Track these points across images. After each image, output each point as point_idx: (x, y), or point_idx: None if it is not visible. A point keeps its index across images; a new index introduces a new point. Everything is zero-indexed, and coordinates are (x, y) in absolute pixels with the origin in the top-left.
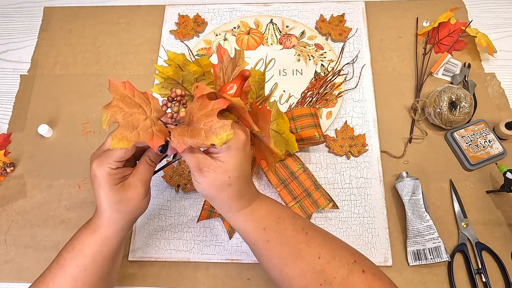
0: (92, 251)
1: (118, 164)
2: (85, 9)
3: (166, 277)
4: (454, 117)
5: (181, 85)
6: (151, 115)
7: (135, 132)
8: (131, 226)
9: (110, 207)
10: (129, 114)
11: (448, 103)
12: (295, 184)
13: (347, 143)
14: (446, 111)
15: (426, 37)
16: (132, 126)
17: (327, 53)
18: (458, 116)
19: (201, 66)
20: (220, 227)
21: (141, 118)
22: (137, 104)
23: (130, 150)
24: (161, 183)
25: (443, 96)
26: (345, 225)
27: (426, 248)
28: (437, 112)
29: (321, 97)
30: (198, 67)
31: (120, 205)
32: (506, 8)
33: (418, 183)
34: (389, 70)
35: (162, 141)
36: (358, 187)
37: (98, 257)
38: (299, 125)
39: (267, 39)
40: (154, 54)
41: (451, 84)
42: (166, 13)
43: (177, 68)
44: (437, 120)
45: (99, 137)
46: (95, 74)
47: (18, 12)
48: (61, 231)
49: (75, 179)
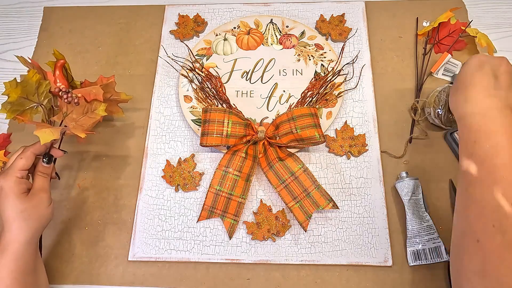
0: (8, 270)
1: (22, 173)
2: (85, 9)
3: (166, 277)
4: (453, 117)
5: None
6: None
7: (51, 128)
8: (38, 238)
9: (17, 216)
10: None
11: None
12: (295, 184)
13: (347, 143)
14: (445, 111)
15: (426, 37)
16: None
17: (327, 53)
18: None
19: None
20: (220, 227)
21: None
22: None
23: (30, 159)
24: (161, 183)
25: (442, 96)
26: (345, 225)
27: (426, 248)
28: (436, 112)
29: (321, 97)
30: (37, 74)
31: (26, 213)
32: (506, 8)
33: (418, 183)
34: (389, 70)
35: (56, 133)
36: (358, 187)
37: (17, 275)
38: (299, 125)
39: (267, 39)
40: (154, 54)
41: (451, 84)
42: (166, 13)
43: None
44: (437, 120)
45: (99, 137)
46: (95, 74)
47: (18, 12)
48: (61, 231)
49: (75, 179)
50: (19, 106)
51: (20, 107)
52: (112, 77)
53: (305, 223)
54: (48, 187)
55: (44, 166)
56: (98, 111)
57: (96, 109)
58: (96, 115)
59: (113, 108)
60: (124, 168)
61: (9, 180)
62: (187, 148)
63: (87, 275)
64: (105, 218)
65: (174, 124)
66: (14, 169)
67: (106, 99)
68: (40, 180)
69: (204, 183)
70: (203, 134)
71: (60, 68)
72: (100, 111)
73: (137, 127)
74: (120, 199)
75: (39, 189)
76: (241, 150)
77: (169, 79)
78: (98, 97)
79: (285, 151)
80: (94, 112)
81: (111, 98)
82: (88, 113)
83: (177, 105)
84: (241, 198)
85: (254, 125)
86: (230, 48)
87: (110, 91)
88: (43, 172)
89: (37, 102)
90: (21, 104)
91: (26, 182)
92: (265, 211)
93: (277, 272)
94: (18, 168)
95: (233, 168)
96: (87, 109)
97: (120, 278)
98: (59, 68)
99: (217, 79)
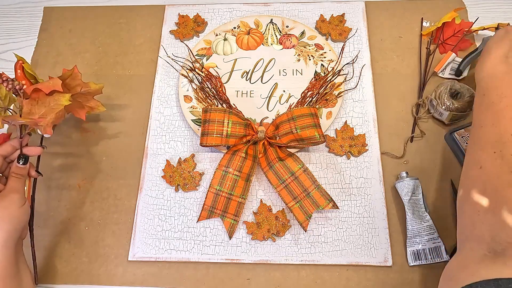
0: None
1: None
2: (85, 9)
3: (166, 277)
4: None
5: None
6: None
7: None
8: (15, 241)
9: None
10: None
11: (449, 92)
12: (295, 184)
13: (347, 143)
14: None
15: (430, 37)
16: None
17: (327, 53)
18: (459, 102)
19: None
20: (220, 227)
21: None
22: None
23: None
24: (161, 183)
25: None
26: (345, 225)
27: (426, 248)
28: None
29: (321, 97)
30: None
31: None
32: (506, 8)
33: (418, 183)
34: (389, 70)
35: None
36: (358, 187)
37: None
38: (299, 125)
39: (267, 39)
40: (154, 54)
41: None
42: (166, 13)
43: None
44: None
45: (99, 137)
46: (95, 74)
47: (18, 12)
48: (61, 231)
49: (75, 179)
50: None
51: None
52: (74, 68)
53: (305, 223)
54: (21, 188)
55: (19, 167)
56: (62, 101)
57: (59, 100)
58: (59, 105)
59: (91, 103)
60: (124, 168)
61: None
62: (187, 148)
63: (87, 275)
64: (105, 218)
65: (174, 124)
66: None
67: (76, 93)
68: (12, 181)
69: (204, 183)
70: (203, 134)
71: (20, 68)
72: (64, 101)
73: (137, 127)
74: (120, 199)
75: (9, 190)
76: (241, 150)
77: (169, 79)
78: (56, 87)
79: (285, 151)
80: (57, 104)
81: (82, 92)
82: (51, 105)
83: (177, 105)
84: (241, 198)
85: (254, 125)
86: (230, 48)
87: (76, 83)
88: (16, 173)
89: (2, 106)
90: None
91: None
92: (265, 211)
93: (277, 272)
94: None
95: (233, 168)
96: (49, 102)
97: (120, 278)
98: (20, 67)
99: (217, 79)
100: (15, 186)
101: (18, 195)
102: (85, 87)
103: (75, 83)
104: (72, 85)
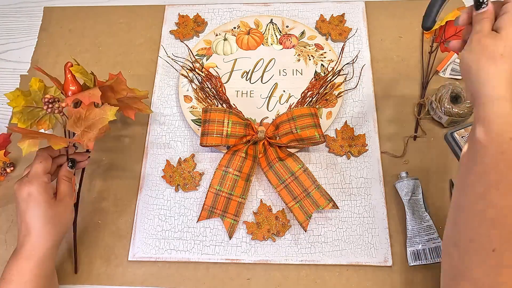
0: (31, 275)
1: (48, 176)
2: (85, 9)
3: (166, 277)
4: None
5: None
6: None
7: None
8: (60, 242)
9: (47, 221)
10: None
11: (450, 96)
12: (295, 184)
13: (347, 143)
14: (448, 103)
15: (433, 35)
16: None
17: (327, 53)
18: (459, 107)
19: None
20: (220, 227)
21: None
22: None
23: (49, 161)
24: (161, 183)
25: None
26: (345, 225)
27: (426, 248)
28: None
29: (321, 97)
30: (39, 82)
31: (56, 218)
32: None
33: (418, 183)
34: (389, 70)
35: (63, 141)
36: (358, 187)
37: (39, 279)
38: (299, 125)
39: (267, 39)
40: (154, 54)
41: None
42: (166, 13)
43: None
44: (439, 113)
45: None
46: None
47: (18, 12)
48: None
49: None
50: (31, 115)
51: (33, 116)
52: (118, 74)
53: (305, 223)
54: (72, 192)
55: (68, 170)
56: (108, 115)
57: (106, 114)
58: (104, 120)
59: (139, 105)
60: (124, 168)
61: (37, 185)
62: (187, 148)
63: (87, 275)
64: (105, 218)
65: (174, 124)
66: (39, 174)
67: (122, 98)
68: (64, 185)
69: (204, 183)
70: (203, 134)
71: (69, 71)
72: (110, 115)
73: (137, 127)
74: (120, 199)
75: (64, 194)
76: (241, 150)
77: (169, 79)
78: (95, 99)
79: (285, 151)
80: (103, 118)
81: (129, 96)
82: (96, 119)
83: (177, 105)
84: (241, 198)
85: (254, 125)
86: (230, 48)
87: (122, 88)
88: (66, 177)
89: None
90: (33, 113)
91: (52, 187)
92: (265, 211)
93: (277, 272)
94: (42, 172)
95: (233, 168)
96: (95, 115)
97: (120, 278)
98: (69, 71)
99: (217, 79)
100: (67, 189)
101: (71, 200)
102: (131, 93)
103: (120, 88)
104: (118, 90)
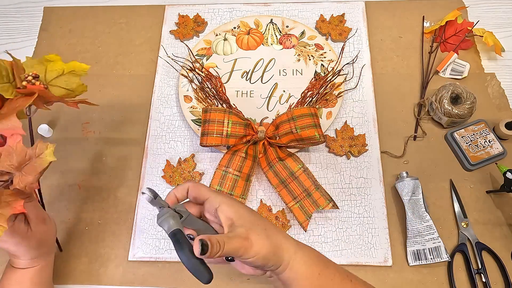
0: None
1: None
2: (85, 9)
3: (166, 277)
4: (455, 111)
5: None
6: None
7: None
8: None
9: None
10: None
11: (450, 97)
12: (295, 184)
13: (347, 143)
14: (448, 104)
15: (434, 35)
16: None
17: (327, 53)
18: (459, 108)
19: None
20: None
21: None
22: None
23: None
24: (161, 183)
25: (444, 91)
26: (345, 225)
27: (426, 248)
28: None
29: (321, 97)
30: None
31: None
32: (506, 8)
33: (418, 183)
34: (389, 70)
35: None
36: (358, 187)
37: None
38: (299, 125)
39: (267, 39)
40: (154, 54)
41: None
42: (166, 13)
43: None
44: (439, 113)
45: (99, 137)
46: (95, 74)
47: (18, 12)
48: (61, 231)
49: (75, 179)
50: None
51: None
52: (40, 86)
53: (305, 223)
54: (40, 212)
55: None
56: (46, 155)
57: (41, 153)
58: (43, 162)
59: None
60: (124, 168)
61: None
62: (187, 148)
63: (87, 275)
64: (105, 218)
65: (174, 124)
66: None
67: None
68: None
69: (204, 183)
70: (203, 134)
71: None
72: (49, 156)
73: (137, 127)
74: (120, 199)
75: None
76: (241, 150)
77: (169, 79)
78: (17, 130)
79: (285, 151)
80: (39, 158)
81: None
82: (32, 160)
83: (177, 105)
84: (241, 198)
85: (254, 125)
86: (230, 48)
87: (50, 96)
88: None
89: None
90: None
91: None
92: (265, 211)
93: None
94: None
95: (233, 168)
96: (29, 155)
97: (120, 278)
98: None
99: (217, 79)
100: (35, 214)
101: (43, 220)
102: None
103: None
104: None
